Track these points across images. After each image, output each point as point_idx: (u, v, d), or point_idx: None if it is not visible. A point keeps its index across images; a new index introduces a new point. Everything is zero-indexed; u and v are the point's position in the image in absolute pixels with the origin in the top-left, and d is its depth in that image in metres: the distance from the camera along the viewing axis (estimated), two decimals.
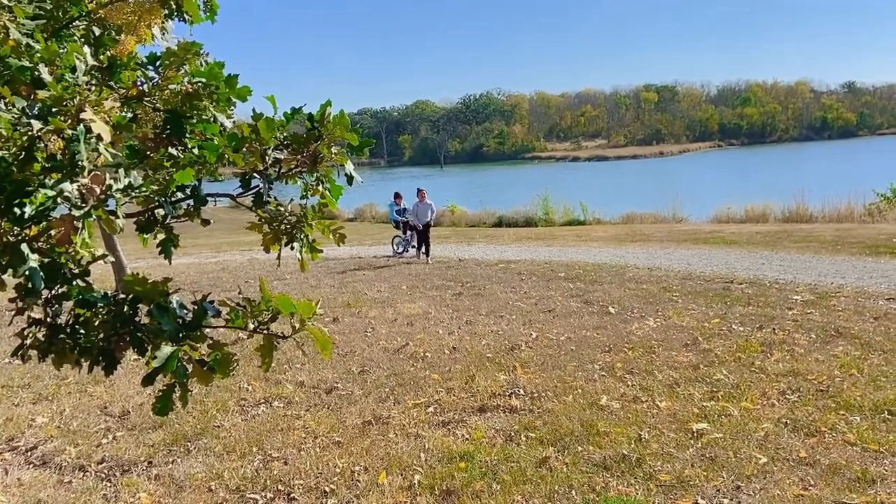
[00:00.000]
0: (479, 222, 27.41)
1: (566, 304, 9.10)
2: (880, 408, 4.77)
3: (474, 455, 4.47)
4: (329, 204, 2.65)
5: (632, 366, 6.20)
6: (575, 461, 4.30)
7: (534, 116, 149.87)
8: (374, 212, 33.00)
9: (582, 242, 17.30)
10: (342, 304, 9.98)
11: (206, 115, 2.37)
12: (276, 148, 2.47)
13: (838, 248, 13.07)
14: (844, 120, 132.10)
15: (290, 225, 2.67)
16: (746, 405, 5.03)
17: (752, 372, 5.79)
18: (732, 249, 14.08)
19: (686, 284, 10.06)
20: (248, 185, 2.54)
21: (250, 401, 5.88)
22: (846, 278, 9.88)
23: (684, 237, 16.95)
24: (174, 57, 2.38)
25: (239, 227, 24.09)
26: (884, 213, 19.74)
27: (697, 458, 4.22)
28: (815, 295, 8.78)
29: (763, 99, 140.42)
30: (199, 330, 2.21)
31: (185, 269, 14.77)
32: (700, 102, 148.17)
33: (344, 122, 2.47)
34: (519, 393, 5.66)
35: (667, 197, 25.06)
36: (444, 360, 6.83)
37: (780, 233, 16.62)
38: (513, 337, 7.52)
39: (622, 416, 4.99)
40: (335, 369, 6.68)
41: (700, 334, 7.11)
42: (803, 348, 6.38)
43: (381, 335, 8.00)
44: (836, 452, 4.16)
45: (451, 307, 9.42)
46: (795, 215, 21.23)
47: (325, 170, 2.56)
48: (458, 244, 18.53)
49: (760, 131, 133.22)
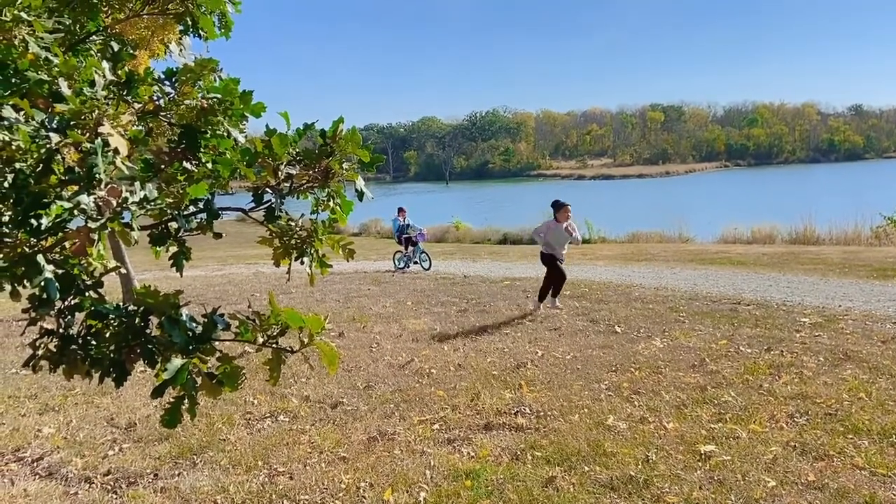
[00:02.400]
0: (483, 239, 27.45)
1: (572, 323, 9.07)
2: (888, 432, 4.72)
3: (480, 473, 4.44)
4: (339, 219, 2.66)
5: (638, 386, 6.16)
6: (582, 481, 4.27)
7: (539, 134, 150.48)
8: (379, 227, 33.12)
9: (587, 261, 17.27)
10: (348, 318, 9.97)
11: (220, 130, 2.39)
12: (288, 163, 2.49)
13: (846, 271, 13.02)
14: (851, 142, 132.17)
15: (300, 240, 2.68)
16: (755, 428, 4.99)
17: (761, 394, 5.75)
18: (739, 270, 14.04)
19: (693, 305, 10.03)
20: (261, 199, 2.56)
21: (256, 414, 5.86)
22: (854, 301, 9.83)
23: (690, 257, 16.92)
24: (191, 73, 2.42)
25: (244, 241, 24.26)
26: (891, 237, 19.70)
27: (706, 481, 4.18)
28: (823, 317, 8.73)
29: (770, 120, 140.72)
30: (209, 343, 2.22)
31: (191, 282, 14.80)
32: (706, 123, 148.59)
33: (356, 138, 2.49)
34: (525, 411, 5.63)
35: (673, 217, 25.09)
36: (449, 376, 6.81)
37: (787, 254, 16.58)
38: (518, 355, 7.49)
39: (629, 437, 4.96)
40: (340, 384, 6.66)
41: (707, 355, 7.07)
42: (811, 371, 6.34)
43: (387, 351, 7.98)
44: (844, 476, 4.12)
45: (456, 324, 9.41)
46: (802, 237, 21.20)
47: (336, 185, 2.58)
48: (463, 260, 18.54)
49: (767, 152, 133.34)
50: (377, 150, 2.56)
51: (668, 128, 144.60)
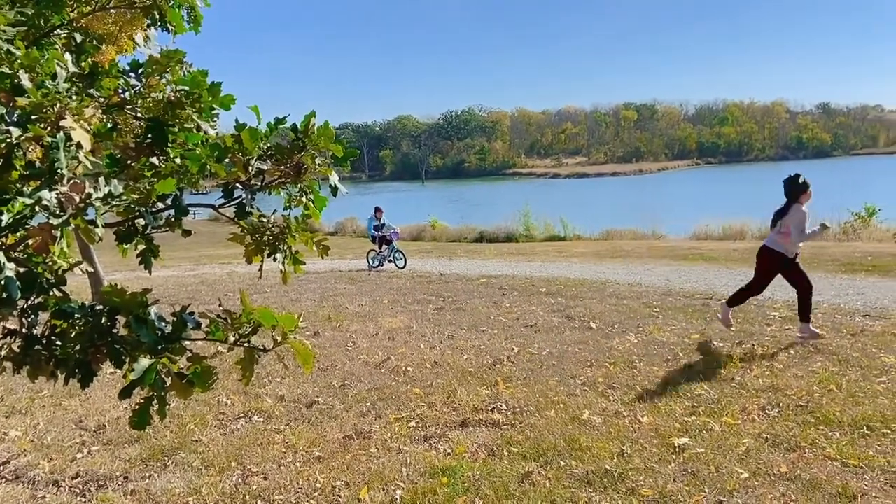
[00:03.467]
0: (460, 237, 27.47)
1: (548, 319, 9.11)
2: (859, 423, 4.81)
3: (456, 470, 4.43)
4: (313, 215, 2.63)
5: (613, 381, 6.20)
6: (558, 476, 4.28)
7: (515, 133, 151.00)
8: (355, 225, 32.95)
9: (562, 258, 17.37)
10: (323, 317, 9.90)
11: (189, 124, 2.34)
12: (259, 158, 2.45)
13: (815, 266, 13.23)
14: (819, 140, 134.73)
15: (272, 236, 2.64)
16: (727, 420, 5.05)
17: (733, 387, 5.82)
18: (711, 266, 14.22)
19: (666, 300, 10.13)
20: (231, 195, 2.52)
21: (229, 415, 5.79)
22: (823, 295, 9.99)
23: (663, 254, 17.09)
24: (157, 65, 2.36)
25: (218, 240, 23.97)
26: (858, 232, 20.09)
27: (679, 474, 4.22)
28: (793, 311, 8.84)
29: (740, 118, 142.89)
30: (179, 342, 2.17)
31: (163, 282, 14.60)
32: (678, 121, 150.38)
33: (328, 133, 2.46)
34: (501, 407, 5.63)
35: (646, 214, 25.34)
36: (425, 374, 6.79)
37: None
38: (494, 352, 7.50)
39: (604, 431, 4.98)
40: (316, 383, 6.61)
41: (680, 350, 7.14)
42: (782, 364, 6.44)
43: (363, 349, 7.94)
44: (816, 468, 4.19)
45: (432, 321, 9.39)
46: None
47: (308, 181, 2.54)
48: (439, 259, 18.53)
49: (738, 150, 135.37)
50: (352, 148, 2.53)
51: (641, 126, 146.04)
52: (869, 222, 21.08)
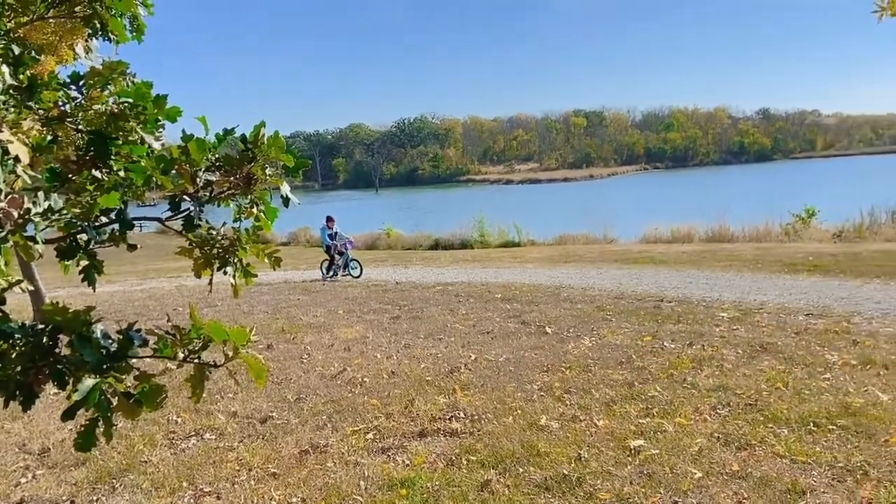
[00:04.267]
0: (415, 245, 27.42)
1: (504, 326, 9.16)
2: (806, 420, 4.96)
3: (415, 481, 4.40)
4: (264, 227, 2.58)
5: (569, 385, 6.27)
6: (516, 483, 4.30)
7: (467, 140, 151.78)
8: (308, 235, 32.59)
9: (517, 264, 17.51)
10: (277, 330, 9.75)
11: (133, 136, 2.28)
12: (207, 170, 2.39)
13: (759, 267, 13.67)
14: (760, 144, 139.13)
15: (222, 249, 2.58)
16: (680, 421, 5.16)
17: (685, 388, 5.95)
18: (661, 269, 14.53)
19: (619, 303, 10.30)
20: (178, 208, 2.45)
21: (180, 433, 5.63)
22: (768, 295, 10.32)
23: (615, 257, 17.40)
24: (99, 76, 2.29)
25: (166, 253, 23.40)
26: (799, 233, 20.80)
27: (636, 476, 4.28)
28: (740, 311, 9.13)
29: (685, 124, 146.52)
30: (125, 361, 2.10)
31: (109, 298, 14.17)
32: (626, 127, 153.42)
33: (279, 143, 2.42)
34: (459, 416, 5.63)
35: (598, 218, 25.74)
36: (382, 384, 6.74)
37: (705, 252, 17.27)
38: (452, 359, 7.50)
39: (561, 436, 5.03)
40: (270, 398, 6.49)
41: (634, 352, 7.27)
42: (731, 364, 6.61)
43: (318, 361, 7.84)
44: (766, 465, 4.30)
45: (389, 331, 9.34)
46: (718, 235, 22.11)
47: (259, 192, 2.50)
48: (395, 267, 18.46)
49: (683, 155, 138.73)
50: (304, 157, 2.50)
51: (590, 132, 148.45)
52: (809, 224, 21.86)
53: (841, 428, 4.77)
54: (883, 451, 4.38)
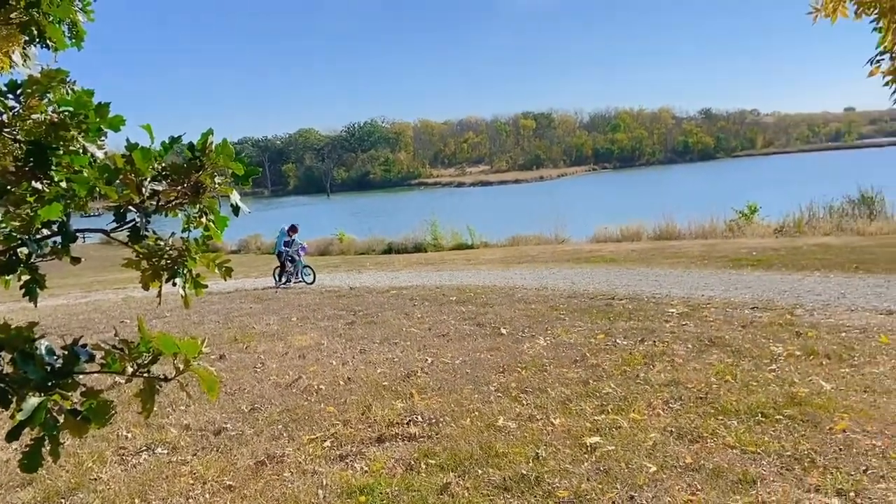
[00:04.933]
0: (368, 249, 27.30)
1: (459, 328, 9.19)
2: (754, 411, 5.12)
3: (374, 488, 4.38)
4: (214, 236, 2.53)
5: (526, 385, 6.33)
6: (476, 485, 4.31)
7: (418, 143, 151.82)
8: (259, 243, 32.11)
9: (471, 266, 17.60)
10: (229, 339, 9.57)
11: (75, 145, 2.21)
12: (153, 179, 2.34)
13: (706, 263, 14.06)
14: (704, 144, 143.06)
15: (171, 260, 2.52)
16: (634, 416, 5.26)
17: (638, 384, 6.07)
18: (612, 267, 14.80)
19: (572, 302, 10.44)
20: (123, 218, 2.39)
21: (130, 449, 5.48)
22: (714, 290, 10.62)
23: (567, 257, 17.64)
24: (37, 85, 2.22)
25: (111, 264, 22.69)
26: (742, 229, 21.47)
27: (593, 472, 4.35)
28: (689, 307, 9.37)
29: (631, 125, 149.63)
30: (71, 377, 2.04)
31: (52, 312, 13.69)
32: (574, 129, 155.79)
33: (228, 150, 2.38)
34: (417, 420, 5.62)
35: (549, 219, 26.04)
36: (339, 391, 6.68)
37: (654, 250, 17.67)
38: (408, 363, 7.48)
39: (519, 436, 5.07)
40: (223, 409, 6.37)
41: (588, 350, 7.38)
42: (682, 358, 6.77)
43: (272, 370, 7.73)
44: (718, 456, 4.42)
45: (344, 337, 9.27)
46: (666, 233, 22.65)
47: (208, 201, 2.45)
48: (348, 272, 18.34)
49: (630, 155, 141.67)
50: (253, 163, 2.46)
51: (539, 134, 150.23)
52: (752, 219, 22.59)
53: (788, 418, 4.94)
54: (828, 438, 4.55)
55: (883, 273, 10.91)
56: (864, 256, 12.86)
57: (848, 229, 18.85)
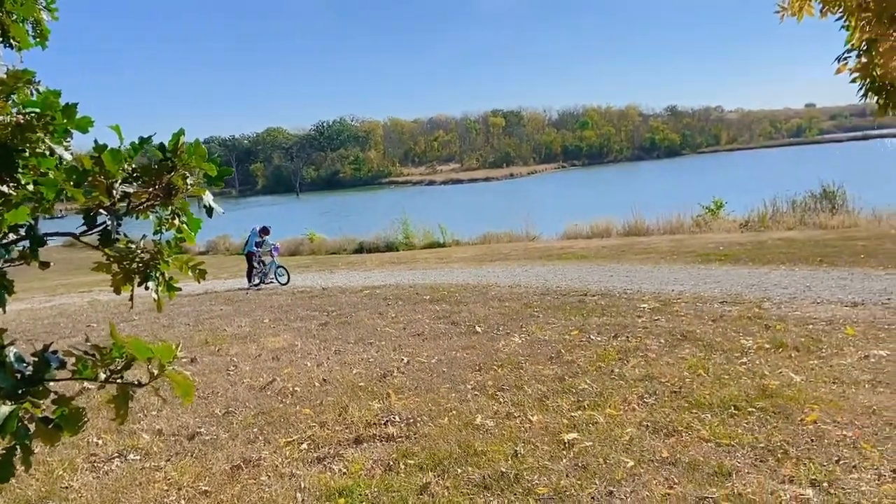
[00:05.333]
0: (339, 249, 27.13)
1: (434, 327, 9.17)
2: (727, 404, 5.20)
3: (353, 489, 4.35)
4: (187, 238, 2.49)
5: (502, 383, 6.34)
6: (455, 484, 4.31)
7: (388, 142, 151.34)
8: (227, 244, 31.72)
9: (443, 264, 17.59)
10: (200, 342, 9.43)
11: (41, 147, 2.15)
12: (124, 181, 2.28)
13: (675, 258, 14.25)
14: (670, 140, 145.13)
15: (143, 263, 2.47)
16: (610, 412, 5.30)
17: (613, 379, 6.12)
18: (583, 264, 14.92)
19: (545, 300, 10.50)
20: (94, 221, 2.33)
21: (102, 456, 5.36)
22: (684, 285, 10.76)
23: (539, 254, 17.74)
24: (2, 86, 2.15)
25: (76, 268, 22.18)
26: (709, 224, 21.82)
27: (571, 468, 4.37)
28: (660, 302, 9.48)
29: (599, 122, 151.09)
30: (42, 384, 1.98)
31: (16, 317, 13.33)
32: (543, 126, 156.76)
33: (200, 151, 2.33)
34: (394, 420, 5.60)
35: (519, 216, 26.16)
36: (314, 393, 6.62)
37: (623, 246, 17.85)
38: (384, 363, 7.45)
39: (497, 434, 5.07)
40: (196, 413, 6.27)
41: (562, 347, 7.42)
42: (655, 353, 6.85)
43: (245, 373, 7.63)
44: (693, 450, 4.48)
45: (318, 338, 9.19)
46: (635, 229, 22.91)
47: (180, 202, 2.40)
48: (320, 272, 18.20)
49: (599, 152, 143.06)
50: (221, 163, 2.42)
51: (509, 132, 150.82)
52: (718, 215, 22.96)
53: (760, 410, 5.03)
54: (800, 429, 4.64)
55: (846, 266, 11.17)
56: (827, 250, 13.15)
57: (811, 223, 19.26)
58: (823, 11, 4.50)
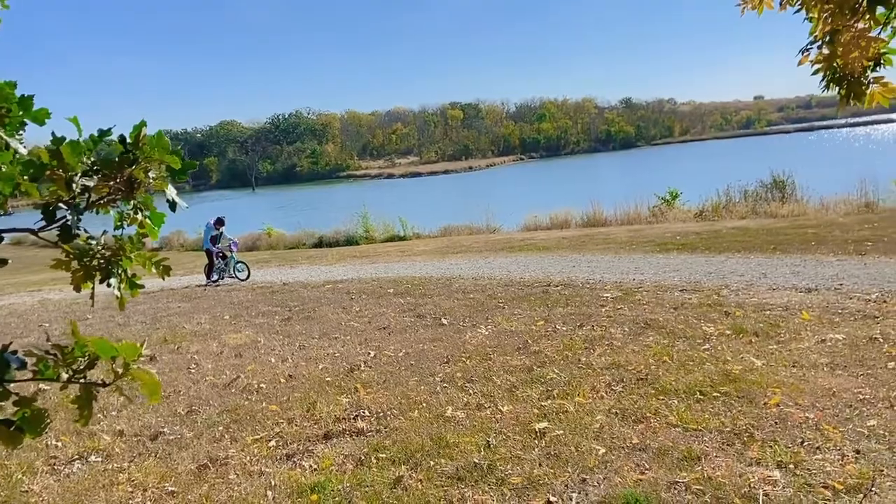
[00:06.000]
0: (298, 244, 26.81)
1: (400, 320, 9.12)
2: (693, 390, 5.30)
3: (325, 485, 4.29)
4: (149, 233, 2.40)
5: (471, 374, 6.34)
6: (429, 476, 4.29)
7: (346, 135, 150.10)
8: (182, 239, 31.07)
9: (405, 257, 17.52)
10: (158, 340, 9.19)
11: None
12: (84, 174, 2.19)
13: (633, 248, 14.46)
14: (625, 132, 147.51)
15: (104, 259, 2.37)
16: (580, 400, 5.35)
17: (580, 368, 6.18)
18: (545, 255, 15.03)
19: (509, 291, 10.54)
20: (53, 216, 2.23)
21: (62, 458, 5.18)
22: (645, 274, 10.93)
23: (500, 246, 17.80)
24: None
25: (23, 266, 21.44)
26: (665, 214, 22.22)
27: (544, 457, 4.39)
28: (622, 291, 9.61)
29: (556, 115, 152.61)
30: (2, 385, 1.89)
31: None
32: (501, 119, 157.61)
33: (162, 143, 2.25)
34: (364, 414, 5.55)
35: (479, 208, 26.23)
36: (280, 389, 6.52)
37: (584, 237, 18.05)
38: (350, 358, 7.38)
39: (468, 425, 5.07)
40: (158, 413, 6.11)
41: (529, 337, 7.46)
42: (620, 341, 6.94)
43: (208, 370, 7.47)
44: (662, 435, 4.54)
45: (281, 333, 9.06)
46: (593, 220, 23.19)
47: (143, 196, 2.32)
48: (279, 267, 17.95)
49: (556, 144, 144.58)
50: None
51: (467, 125, 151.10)
52: (673, 205, 23.40)
53: (724, 395, 5.13)
54: (764, 412, 4.75)
55: (798, 253, 11.50)
56: (779, 238, 13.51)
57: (762, 212, 19.77)
58: (783, 4, 4.60)
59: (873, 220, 14.84)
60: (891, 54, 3.11)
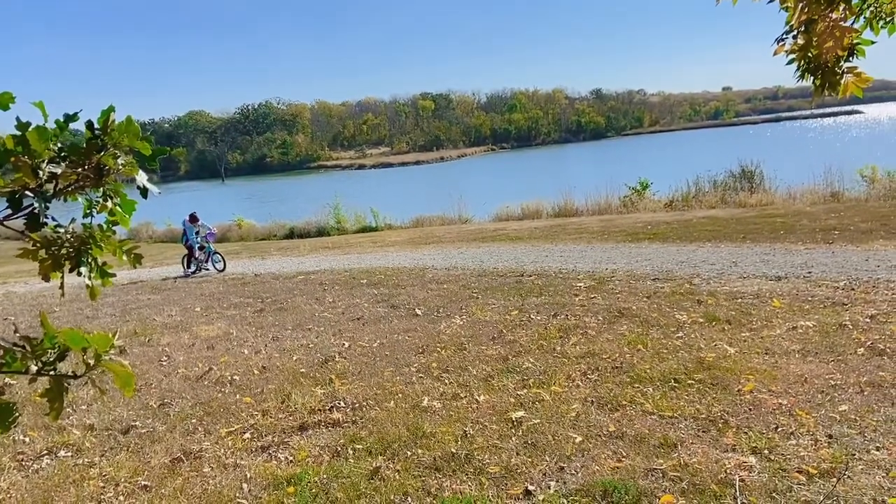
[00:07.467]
0: (269, 235, 26.56)
1: (374, 311, 9.08)
2: (667, 377, 5.35)
3: (302, 477, 4.25)
4: (121, 221, 2.33)
5: (447, 364, 6.33)
6: (406, 467, 4.27)
7: (316, 126, 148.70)
8: (151, 231, 30.51)
9: (378, 248, 17.44)
10: (128, 332, 9.02)
11: None
12: (51, 161, 2.12)
13: (606, 237, 14.58)
14: (595, 123, 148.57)
15: (73, 248, 2.30)
16: (555, 389, 5.37)
17: (555, 357, 6.21)
18: (517, 245, 15.08)
19: (483, 281, 10.55)
20: (20, 205, 2.15)
21: (30, 454, 5.05)
22: (617, 263, 11.02)
23: (473, 236, 17.82)
24: None
25: None
26: (636, 204, 22.44)
27: (521, 446, 4.40)
28: (595, 281, 9.67)
29: (527, 105, 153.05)
30: None
31: None
32: (473, 109, 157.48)
33: (132, 129, 2.17)
34: (339, 405, 5.50)
35: (451, 199, 26.21)
36: (254, 381, 6.44)
37: (556, 227, 18.14)
38: (325, 349, 7.32)
39: (445, 416, 5.06)
40: (129, 406, 5.99)
41: (504, 327, 7.47)
42: (594, 330, 6.98)
43: (179, 363, 7.35)
44: (638, 423, 4.58)
45: (253, 325, 8.95)
46: (565, 210, 23.33)
47: (113, 183, 2.25)
48: (251, 259, 17.75)
49: (527, 135, 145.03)
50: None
51: (438, 115, 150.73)
52: (644, 195, 23.62)
53: (699, 382, 5.19)
54: (738, 399, 4.82)
55: (767, 242, 11.69)
56: (748, 227, 13.73)
57: (731, 202, 20.07)
58: None
59: (839, 209, 15.15)
60: (864, 45, 3.14)
